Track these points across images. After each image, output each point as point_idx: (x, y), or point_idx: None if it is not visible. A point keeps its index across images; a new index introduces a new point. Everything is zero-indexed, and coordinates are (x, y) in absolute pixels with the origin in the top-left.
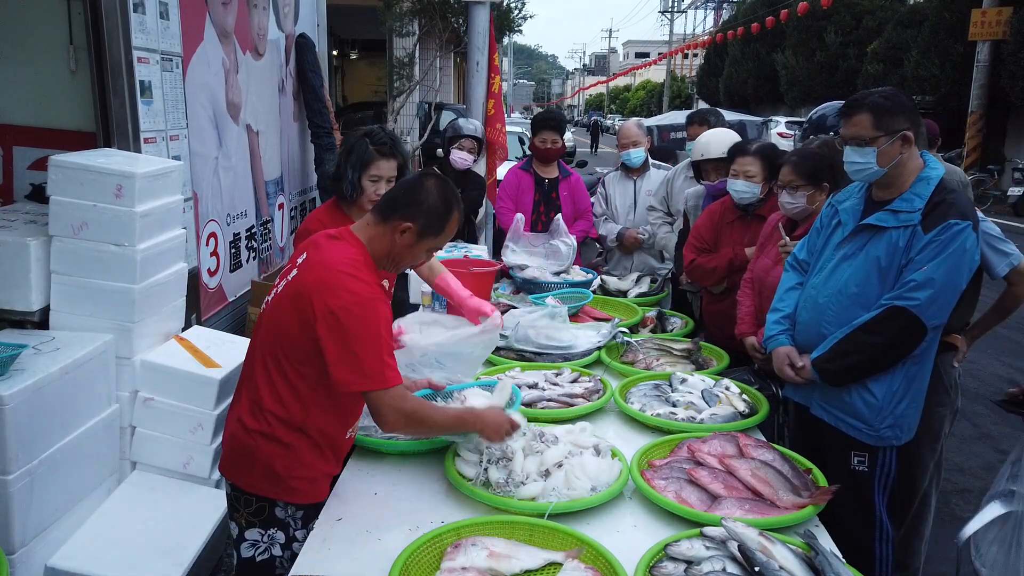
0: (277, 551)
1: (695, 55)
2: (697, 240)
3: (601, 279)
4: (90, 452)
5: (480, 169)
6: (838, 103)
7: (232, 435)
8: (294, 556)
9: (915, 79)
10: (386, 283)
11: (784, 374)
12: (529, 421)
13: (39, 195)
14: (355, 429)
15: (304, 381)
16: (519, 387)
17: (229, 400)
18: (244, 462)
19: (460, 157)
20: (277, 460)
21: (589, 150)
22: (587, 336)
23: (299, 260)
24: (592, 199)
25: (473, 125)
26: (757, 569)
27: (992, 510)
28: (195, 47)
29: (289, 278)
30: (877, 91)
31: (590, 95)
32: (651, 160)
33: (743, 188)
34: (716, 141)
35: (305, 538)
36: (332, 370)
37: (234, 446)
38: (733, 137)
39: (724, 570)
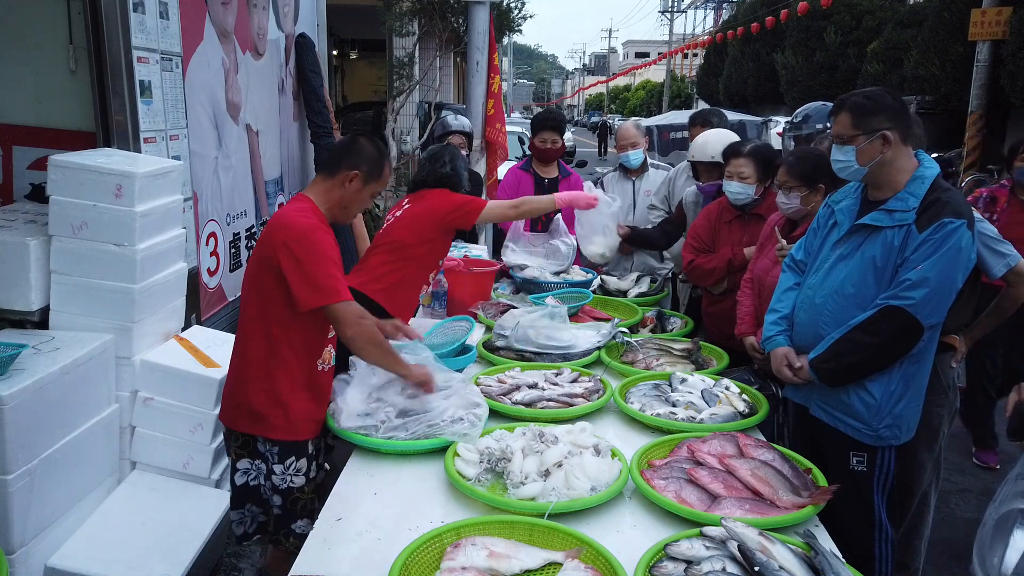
0: (262, 480)
1: (695, 55)
2: (695, 240)
3: (601, 279)
4: (90, 452)
5: (480, 169)
6: (820, 104)
7: (227, 388)
8: (274, 487)
9: (915, 79)
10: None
11: (782, 375)
12: (529, 421)
13: (39, 195)
14: (326, 362)
15: (277, 322)
16: (517, 388)
17: None
18: (233, 407)
19: None
20: (256, 399)
21: (597, 154)
22: (587, 336)
23: None
24: None
25: (460, 121)
26: (757, 569)
27: (1022, 538)
28: (195, 47)
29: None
30: (862, 91)
31: (590, 95)
32: (650, 161)
33: (737, 189)
34: (712, 143)
35: (282, 472)
36: (294, 292)
37: (227, 395)
38: (731, 138)
39: (724, 570)
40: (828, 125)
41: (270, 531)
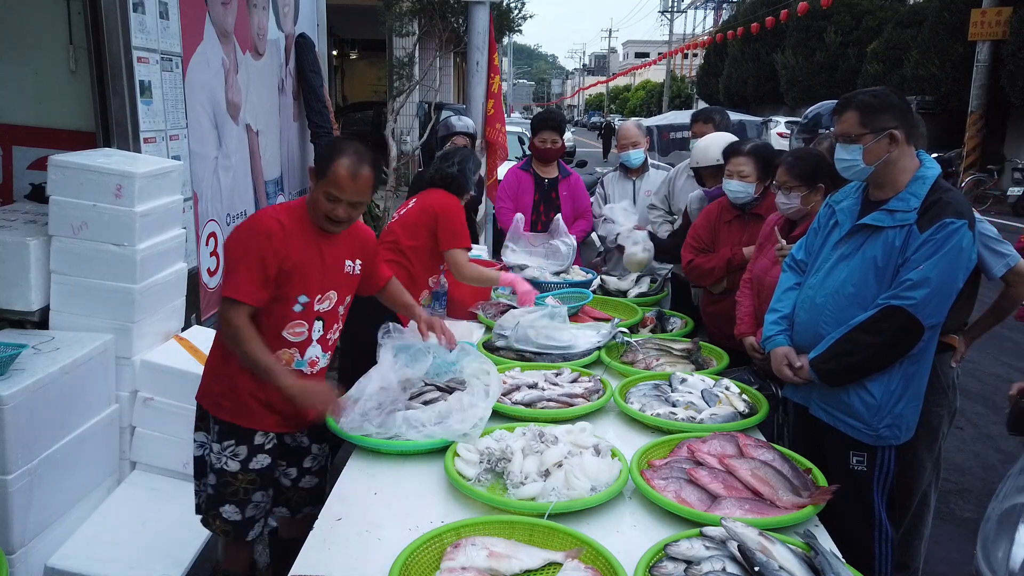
0: (206, 453)
1: (695, 55)
2: (695, 240)
3: (601, 279)
4: (90, 452)
5: (480, 169)
6: (832, 103)
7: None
8: (211, 465)
9: (915, 79)
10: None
11: (782, 374)
12: (529, 421)
13: (39, 195)
14: (282, 359)
15: None
16: (517, 387)
17: None
18: (201, 382)
19: None
20: (213, 376)
21: (601, 155)
22: (587, 336)
23: None
24: (591, 199)
25: (464, 122)
26: (757, 569)
27: None
28: (195, 47)
29: None
30: (868, 89)
31: (590, 95)
32: (650, 161)
33: (737, 188)
34: (714, 147)
35: (219, 452)
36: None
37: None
38: (732, 140)
39: (724, 570)
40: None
41: (202, 509)
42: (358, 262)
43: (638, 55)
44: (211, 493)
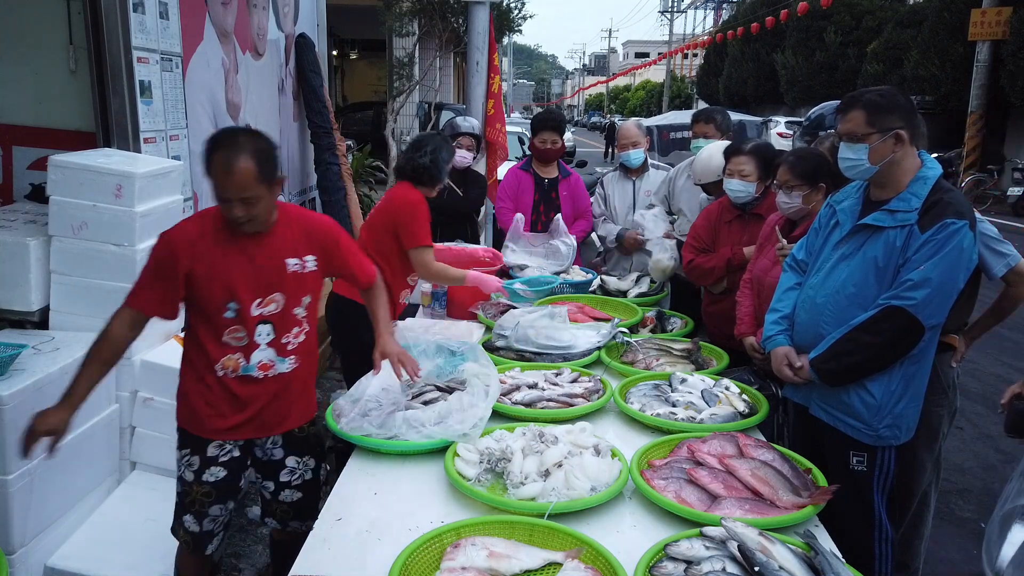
0: (176, 459)
1: (695, 55)
2: (695, 240)
3: (601, 279)
4: (90, 452)
5: (480, 169)
6: (834, 104)
7: None
8: (177, 472)
9: (915, 79)
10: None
11: (783, 374)
12: (529, 421)
13: (39, 195)
14: (231, 370)
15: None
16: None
17: None
18: None
19: (460, 156)
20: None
21: (604, 156)
22: (587, 336)
23: None
24: (591, 199)
25: (470, 123)
26: (757, 569)
27: (1019, 532)
28: (195, 47)
29: None
30: (874, 89)
31: (590, 95)
32: (650, 161)
33: (738, 187)
34: (715, 160)
35: (178, 460)
36: None
37: None
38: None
39: (724, 570)
40: None
41: (173, 516)
42: (309, 258)
43: (638, 55)
44: (177, 501)
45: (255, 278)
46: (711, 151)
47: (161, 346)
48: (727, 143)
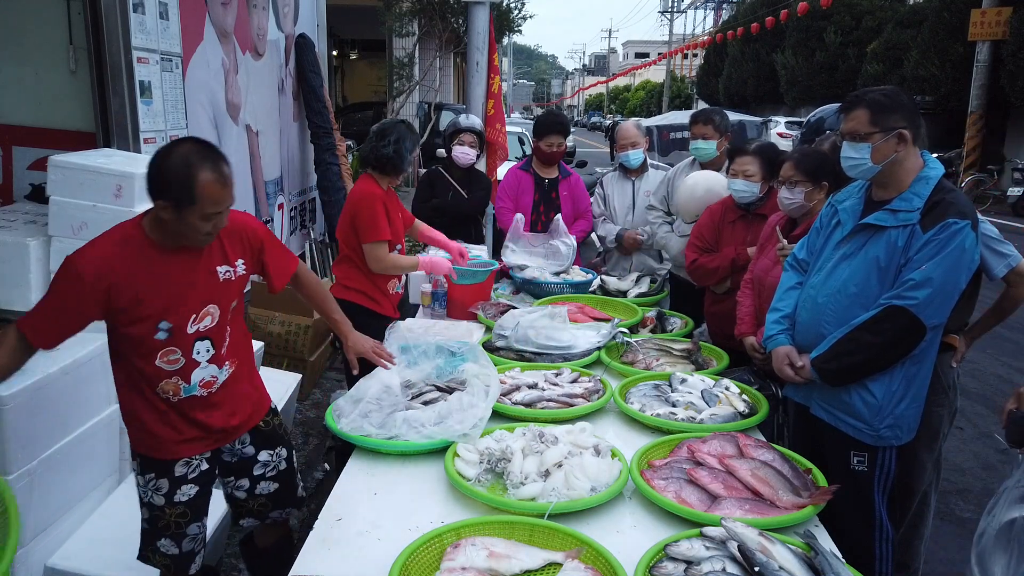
0: (137, 486)
1: (695, 55)
2: (699, 240)
3: (601, 279)
4: (89, 452)
5: (480, 169)
6: (834, 106)
7: None
8: (140, 499)
9: (915, 79)
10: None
11: (784, 374)
12: (529, 421)
13: (39, 195)
14: (171, 393)
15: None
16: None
17: None
18: None
19: (462, 152)
20: (123, 411)
21: (610, 157)
22: (587, 336)
23: None
24: (591, 199)
25: (471, 120)
26: (757, 569)
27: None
28: (195, 47)
29: None
30: (878, 88)
31: (590, 95)
32: (649, 161)
33: (742, 187)
34: (698, 196)
35: (143, 485)
36: None
37: None
38: (714, 180)
39: (724, 570)
40: None
41: (141, 547)
42: (240, 263)
43: (638, 55)
44: (145, 528)
45: (181, 296)
46: (695, 180)
47: None
48: (710, 172)
